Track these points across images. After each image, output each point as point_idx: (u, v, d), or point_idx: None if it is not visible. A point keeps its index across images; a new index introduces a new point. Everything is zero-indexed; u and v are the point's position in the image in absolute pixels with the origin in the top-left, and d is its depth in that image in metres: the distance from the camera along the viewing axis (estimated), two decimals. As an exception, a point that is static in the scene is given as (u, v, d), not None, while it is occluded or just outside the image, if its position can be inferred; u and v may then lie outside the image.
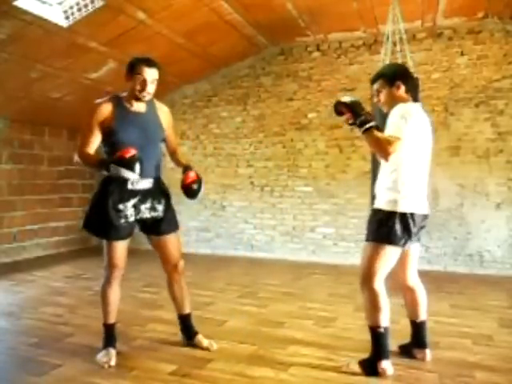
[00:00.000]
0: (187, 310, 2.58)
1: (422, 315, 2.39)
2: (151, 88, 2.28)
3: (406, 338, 2.44)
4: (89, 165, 2.29)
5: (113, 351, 2.38)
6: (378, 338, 2.19)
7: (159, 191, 2.42)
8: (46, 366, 2.32)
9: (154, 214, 2.39)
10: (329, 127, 5.38)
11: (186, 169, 2.40)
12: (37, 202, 5.58)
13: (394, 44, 3.92)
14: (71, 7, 3.72)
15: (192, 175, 2.35)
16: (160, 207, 2.41)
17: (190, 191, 2.34)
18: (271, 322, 3.05)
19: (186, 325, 2.59)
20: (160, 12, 4.01)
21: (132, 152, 2.08)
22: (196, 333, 2.57)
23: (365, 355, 2.24)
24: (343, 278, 4.48)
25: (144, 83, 2.24)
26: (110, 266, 2.36)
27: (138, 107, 2.34)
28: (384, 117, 2.26)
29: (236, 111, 5.85)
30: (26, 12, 3.48)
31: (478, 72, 4.79)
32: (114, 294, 2.41)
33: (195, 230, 6.02)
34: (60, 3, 3.73)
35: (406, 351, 2.41)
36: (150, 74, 2.24)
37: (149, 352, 2.50)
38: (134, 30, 4.15)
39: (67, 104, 5.13)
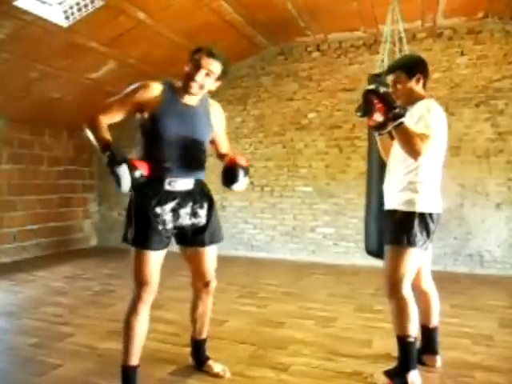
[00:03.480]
0: (204, 336, 2.28)
1: (435, 320, 2.31)
2: (202, 79, 1.93)
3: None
4: (95, 137, 1.87)
5: None
6: (406, 347, 2.06)
7: (201, 194, 2.07)
8: (46, 366, 2.32)
9: (194, 220, 2.04)
10: (329, 127, 5.38)
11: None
12: (37, 202, 5.58)
13: (394, 44, 3.92)
14: (71, 7, 3.72)
15: (242, 159, 2.01)
16: (202, 213, 2.06)
17: (232, 172, 1.96)
18: (271, 322, 3.05)
19: (200, 350, 2.29)
20: (160, 12, 4.01)
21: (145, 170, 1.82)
22: (207, 358, 2.29)
23: (365, 355, 2.23)
24: (343, 277, 4.48)
25: (196, 70, 1.92)
26: (139, 285, 1.89)
27: (189, 100, 2.01)
28: None
29: (236, 111, 5.85)
30: (26, 12, 3.48)
31: (478, 72, 4.79)
32: (142, 324, 1.92)
33: (195, 230, 6.02)
34: (60, 3, 3.73)
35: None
36: (207, 63, 1.92)
37: (149, 352, 2.49)
38: (134, 29, 4.16)
39: (67, 104, 5.13)
